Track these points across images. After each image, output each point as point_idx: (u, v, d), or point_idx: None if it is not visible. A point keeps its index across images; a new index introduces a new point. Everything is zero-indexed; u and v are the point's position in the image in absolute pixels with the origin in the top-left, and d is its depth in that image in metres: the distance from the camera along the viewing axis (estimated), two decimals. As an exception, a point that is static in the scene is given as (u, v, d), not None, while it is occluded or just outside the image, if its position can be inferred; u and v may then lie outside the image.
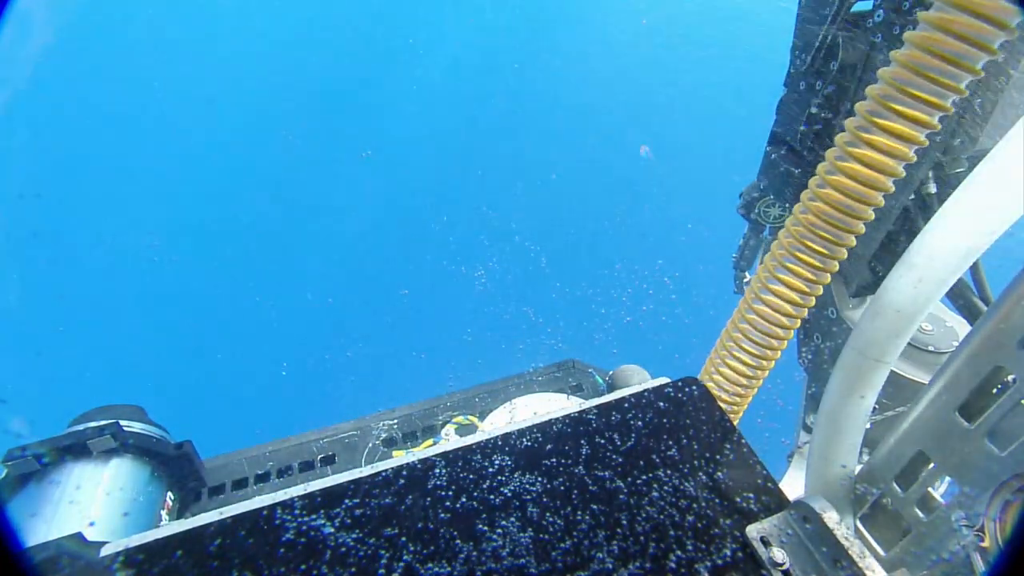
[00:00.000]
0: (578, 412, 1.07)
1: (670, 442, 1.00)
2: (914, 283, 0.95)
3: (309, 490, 0.92)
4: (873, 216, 1.16)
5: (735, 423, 1.22)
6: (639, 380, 2.06)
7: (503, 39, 16.13)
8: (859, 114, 1.07)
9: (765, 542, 0.83)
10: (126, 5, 13.83)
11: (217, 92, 14.08)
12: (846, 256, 1.22)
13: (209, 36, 14.47)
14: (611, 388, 2.17)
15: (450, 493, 0.92)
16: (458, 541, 0.85)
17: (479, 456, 0.98)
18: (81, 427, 1.76)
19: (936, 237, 0.93)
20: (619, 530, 0.86)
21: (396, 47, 15.68)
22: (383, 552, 0.83)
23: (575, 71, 15.49)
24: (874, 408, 1.40)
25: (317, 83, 15.27)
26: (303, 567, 0.81)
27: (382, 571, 0.81)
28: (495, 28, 16.20)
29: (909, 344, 1.44)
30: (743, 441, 1.00)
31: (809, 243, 1.19)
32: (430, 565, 0.82)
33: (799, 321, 1.36)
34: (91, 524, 1.56)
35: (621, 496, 0.91)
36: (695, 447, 0.99)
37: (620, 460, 0.97)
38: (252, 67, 14.76)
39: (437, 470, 0.96)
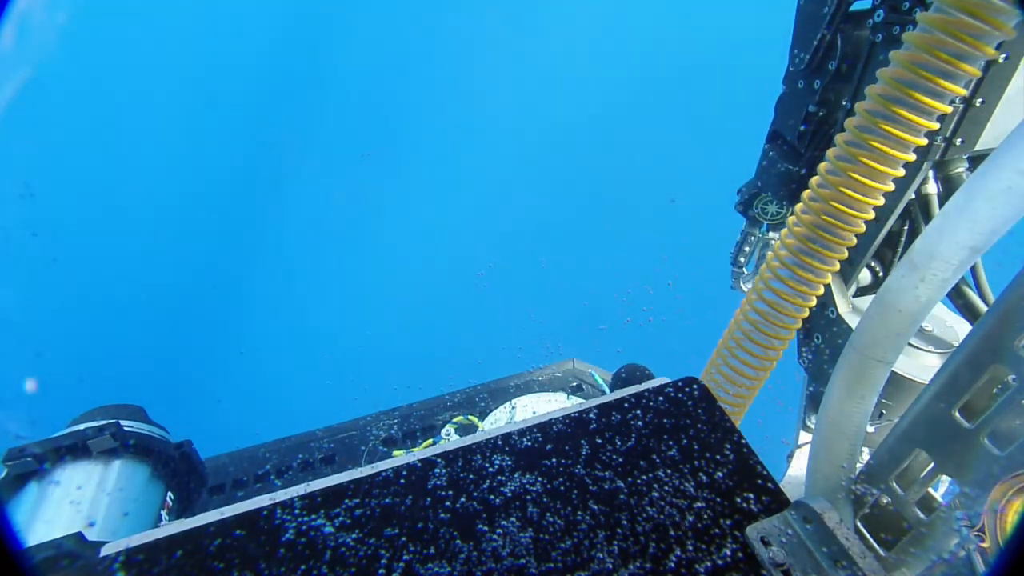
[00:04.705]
0: (578, 412, 1.06)
1: (670, 442, 1.00)
2: (916, 283, 0.95)
3: (309, 490, 0.92)
4: (873, 215, 1.17)
5: (736, 423, 1.22)
6: (643, 377, 2.06)
7: (502, 36, 16.12)
8: (859, 113, 1.08)
9: (765, 542, 0.83)
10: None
11: (218, 90, 14.07)
12: (847, 255, 1.23)
13: (205, 35, 14.47)
14: (616, 382, 2.17)
15: (450, 493, 0.92)
16: (458, 541, 0.85)
17: (479, 456, 0.98)
18: (81, 427, 1.76)
19: (938, 237, 0.93)
20: (619, 530, 0.86)
21: (395, 47, 15.68)
22: (383, 552, 0.83)
23: (572, 69, 15.49)
24: (880, 413, 1.40)
25: (317, 83, 15.27)
26: (303, 567, 0.81)
27: (382, 571, 0.81)
28: (495, 26, 16.20)
29: (909, 344, 1.44)
30: (743, 441, 1.00)
31: (811, 243, 1.20)
32: (430, 565, 0.82)
33: (801, 321, 1.36)
34: (91, 524, 1.56)
35: (621, 496, 0.91)
36: (695, 447, 0.99)
37: (620, 460, 0.97)
38: (247, 65, 14.75)
39: (437, 470, 0.96)
